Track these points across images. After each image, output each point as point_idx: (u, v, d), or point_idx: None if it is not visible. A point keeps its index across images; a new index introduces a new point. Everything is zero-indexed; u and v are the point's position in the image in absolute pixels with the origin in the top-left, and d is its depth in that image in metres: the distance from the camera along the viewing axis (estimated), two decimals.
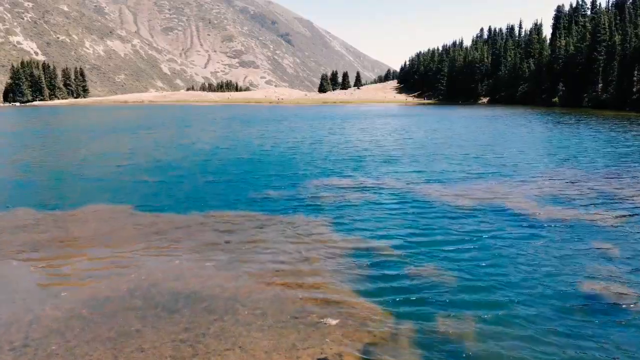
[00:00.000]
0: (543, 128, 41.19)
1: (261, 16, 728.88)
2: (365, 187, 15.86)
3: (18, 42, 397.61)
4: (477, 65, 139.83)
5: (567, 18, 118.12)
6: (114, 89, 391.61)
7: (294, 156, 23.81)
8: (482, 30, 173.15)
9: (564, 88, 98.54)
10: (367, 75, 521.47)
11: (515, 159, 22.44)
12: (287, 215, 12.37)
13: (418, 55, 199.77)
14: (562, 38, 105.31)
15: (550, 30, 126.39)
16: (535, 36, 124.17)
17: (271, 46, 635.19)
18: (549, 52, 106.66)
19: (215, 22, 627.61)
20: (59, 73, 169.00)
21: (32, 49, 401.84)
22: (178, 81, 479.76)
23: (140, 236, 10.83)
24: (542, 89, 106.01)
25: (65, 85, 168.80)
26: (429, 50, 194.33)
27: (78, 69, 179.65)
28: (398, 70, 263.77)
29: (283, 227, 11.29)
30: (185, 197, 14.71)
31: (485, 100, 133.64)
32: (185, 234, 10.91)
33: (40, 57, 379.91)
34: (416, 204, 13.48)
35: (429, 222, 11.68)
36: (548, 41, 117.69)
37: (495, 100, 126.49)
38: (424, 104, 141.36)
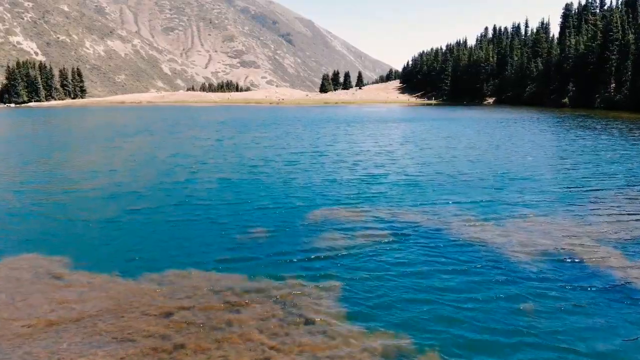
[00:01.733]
0: (573, 135, 37.08)
1: (262, 16, 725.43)
2: (385, 226, 11.96)
3: (18, 43, 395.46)
4: (482, 64, 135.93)
5: (576, 16, 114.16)
6: (114, 89, 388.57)
7: (291, 176, 19.87)
8: (486, 29, 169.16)
9: (574, 88, 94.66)
10: (368, 75, 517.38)
11: (566, 179, 18.30)
12: (274, 284, 8.53)
13: (421, 54, 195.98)
14: (572, 37, 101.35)
15: (558, 29, 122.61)
16: (543, 35, 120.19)
17: (272, 46, 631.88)
18: (558, 51, 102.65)
19: (216, 22, 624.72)
20: (56, 73, 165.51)
21: (32, 49, 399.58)
22: (179, 81, 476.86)
23: (48, 329, 7.05)
24: (550, 89, 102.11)
25: (63, 85, 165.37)
26: (432, 49, 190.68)
27: (75, 69, 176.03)
28: (400, 69, 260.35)
29: (266, 312, 7.45)
30: (139, 245, 10.82)
31: (490, 100, 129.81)
32: (118, 327, 7.08)
33: (40, 57, 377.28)
34: (461, 259, 9.63)
35: (491, 301, 7.76)
36: (556, 40, 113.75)
37: (502, 101, 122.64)
38: (428, 104, 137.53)
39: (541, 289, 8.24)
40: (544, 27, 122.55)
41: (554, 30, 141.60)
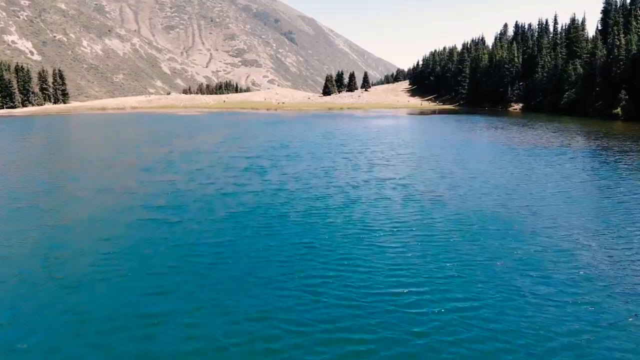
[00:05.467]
0: None
1: (264, 14, 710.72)
2: None
3: (13, 42, 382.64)
4: (506, 66, 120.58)
5: (622, 12, 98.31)
6: (112, 89, 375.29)
7: None
8: (505, 26, 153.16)
9: (627, 97, 79.23)
10: (372, 74, 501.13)
11: None
12: None
13: (433, 54, 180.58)
14: (621, 35, 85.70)
15: (595, 26, 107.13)
16: (581, 33, 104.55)
17: (274, 44, 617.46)
18: (605, 52, 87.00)
19: (217, 20, 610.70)
20: (34, 76, 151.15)
21: (27, 48, 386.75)
22: (179, 81, 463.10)
23: None
24: (594, 97, 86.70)
25: (42, 89, 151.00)
26: (444, 48, 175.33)
27: (57, 71, 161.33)
28: (403, 68, 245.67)
29: None
30: None
31: (517, 107, 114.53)
32: None
33: (36, 57, 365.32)
34: None
35: None
36: (598, 39, 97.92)
37: (531, 108, 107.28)
38: (445, 110, 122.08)
39: None
40: (581, 24, 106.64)
41: (589, 27, 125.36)
